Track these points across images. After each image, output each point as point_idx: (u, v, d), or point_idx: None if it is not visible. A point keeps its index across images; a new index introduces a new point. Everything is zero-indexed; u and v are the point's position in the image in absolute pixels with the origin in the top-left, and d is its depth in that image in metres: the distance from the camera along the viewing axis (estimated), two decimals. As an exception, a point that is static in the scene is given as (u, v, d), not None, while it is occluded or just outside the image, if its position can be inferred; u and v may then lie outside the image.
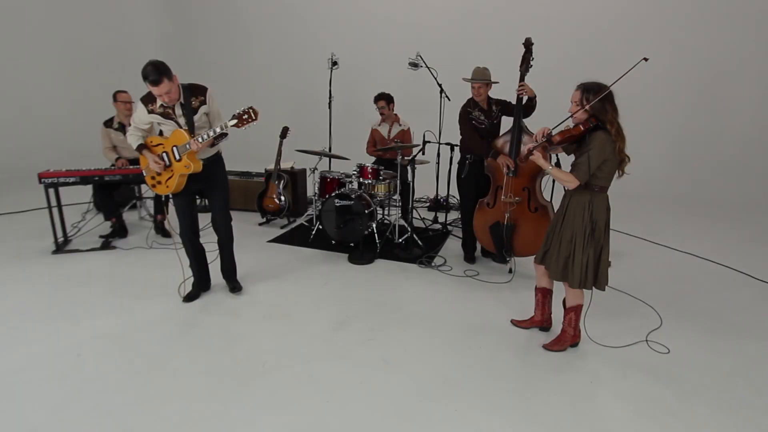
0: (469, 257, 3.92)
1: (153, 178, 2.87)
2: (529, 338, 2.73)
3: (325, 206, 4.07)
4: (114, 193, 4.23)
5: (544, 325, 2.79)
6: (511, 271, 3.68)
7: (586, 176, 2.26)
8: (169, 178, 2.78)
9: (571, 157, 2.41)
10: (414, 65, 4.68)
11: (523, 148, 3.23)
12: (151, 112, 2.70)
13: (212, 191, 2.96)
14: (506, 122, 3.46)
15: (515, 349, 2.61)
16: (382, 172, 4.20)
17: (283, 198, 4.74)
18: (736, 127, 6.61)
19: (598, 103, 2.20)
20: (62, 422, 1.95)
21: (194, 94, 2.71)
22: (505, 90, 3.86)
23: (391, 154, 4.56)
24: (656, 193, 6.54)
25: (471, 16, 7.51)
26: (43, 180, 3.76)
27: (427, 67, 4.52)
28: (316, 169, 4.57)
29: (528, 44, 3.29)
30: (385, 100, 4.62)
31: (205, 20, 9.26)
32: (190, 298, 3.09)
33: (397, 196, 4.34)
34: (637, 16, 6.74)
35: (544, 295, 2.74)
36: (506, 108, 3.60)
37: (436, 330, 2.79)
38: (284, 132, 4.72)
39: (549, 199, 3.55)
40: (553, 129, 2.37)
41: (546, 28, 6.63)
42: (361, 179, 4.20)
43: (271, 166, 4.84)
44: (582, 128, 2.26)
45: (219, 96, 2.81)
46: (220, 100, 2.81)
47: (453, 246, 4.29)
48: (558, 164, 2.56)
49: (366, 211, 3.90)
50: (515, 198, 3.36)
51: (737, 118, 6.60)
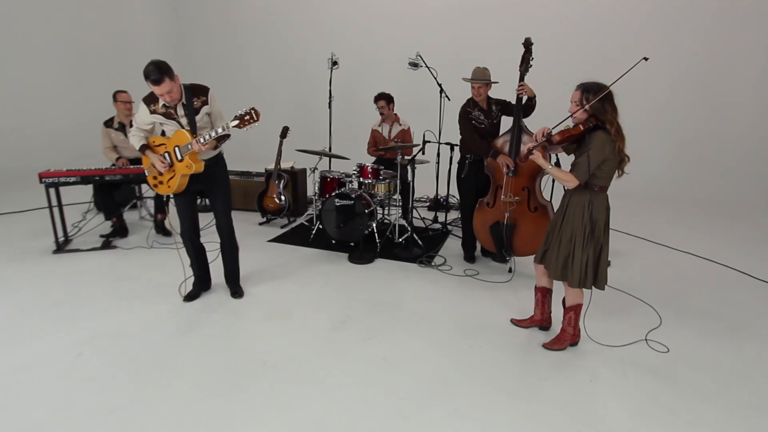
0: (469, 257, 3.92)
1: (155, 178, 2.87)
2: (528, 337, 2.73)
3: (325, 206, 4.07)
4: (114, 192, 4.24)
5: (544, 325, 2.80)
6: (510, 271, 3.68)
7: (585, 176, 2.27)
8: (171, 178, 2.79)
9: (571, 157, 2.42)
10: (414, 65, 4.69)
11: (523, 148, 3.24)
12: (153, 112, 2.70)
13: (214, 192, 2.96)
14: (506, 122, 3.47)
15: (515, 348, 2.61)
16: (382, 172, 4.21)
17: (283, 198, 4.74)
18: (736, 126, 6.62)
19: (597, 102, 2.21)
20: (63, 421, 1.96)
21: (196, 94, 2.70)
22: (504, 90, 3.87)
23: (391, 154, 4.57)
24: (656, 192, 6.55)
25: (471, 16, 7.52)
26: (43, 180, 3.77)
27: (427, 67, 4.53)
28: (316, 168, 4.58)
29: (527, 44, 3.29)
30: (385, 99, 4.63)
31: (206, 20, 9.28)
32: (190, 297, 3.09)
33: (397, 196, 4.35)
34: (636, 16, 6.75)
35: (544, 295, 2.75)
36: (506, 108, 3.61)
37: (436, 329, 2.80)
38: (284, 132, 4.73)
39: (549, 199, 3.56)
40: (553, 129, 2.38)
41: (546, 28, 6.65)
42: (361, 179, 4.21)
43: (272, 166, 4.85)
44: (582, 128, 2.27)
45: (219, 96, 2.81)
46: (221, 100, 2.82)
47: (453, 245, 4.30)
48: (558, 164, 2.57)
49: (366, 211, 3.91)
50: (515, 197, 3.37)
51: (737, 118, 6.60)
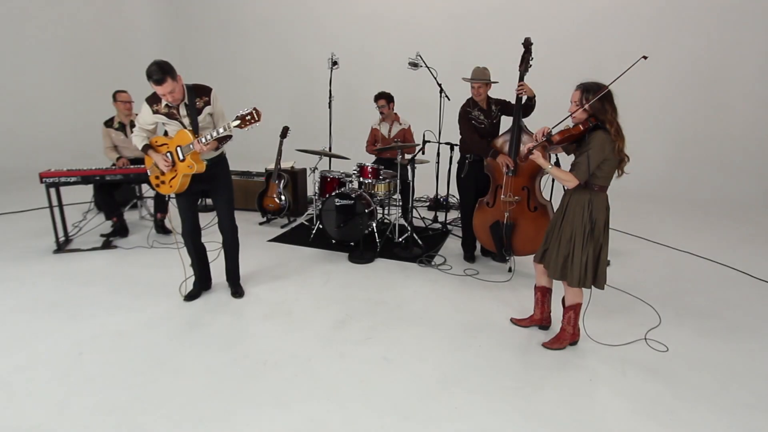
0: (469, 256, 3.93)
1: (157, 178, 2.88)
2: (528, 337, 2.74)
3: (325, 206, 4.08)
4: (115, 192, 4.25)
5: (544, 324, 2.80)
6: (510, 270, 3.69)
7: (585, 175, 2.28)
8: (173, 178, 2.79)
9: (571, 157, 2.42)
10: (414, 65, 4.69)
11: (523, 148, 3.24)
12: (155, 112, 2.71)
13: (216, 192, 2.97)
14: (506, 122, 3.48)
15: (515, 347, 2.62)
16: (382, 172, 4.21)
17: (283, 197, 4.75)
18: (736, 126, 6.63)
19: (597, 102, 2.22)
20: (64, 420, 1.97)
21: (198, 94, 2.72)
22: (504, 90, 3.87)
23: (391, 154, 4.58)
24: (656, 192, 6.56)
25: (471, 16, 7.52)
26: (44, 179, 3.77)
27: (426, 67, 4.53)
28: (316, 168, 4.59)
29: (527, 44, 3.30)
30: (385, 99, 4.63)
31: (206, 20, 9.28)
32: (191, 297, 3.10)
33: (397, 196, 4.36)
34: (636, 16, 6.75)
35: (544, 294, 2.75)
36: (506, 108, 3.61)
37: (436, 328, 2.81)
38: (284, 132, 4.74)
39: (548, 199, 3.57)
40: (553, 128, 2.39)
41: (545, 28, 6.66)
42: (362, 179, 4.22)
43: (272, 166, 4.85)
44: (581, 128, 2.28)
45: (220, 96, 2.82)
46: (221, 100, 2.83)
47: (453, 245, 4.30)
48: (557, 163, 2.57)
49: (366, 211, 3.92)
50: (515, 197, 3.37)
51: (737, 118, 6.61)
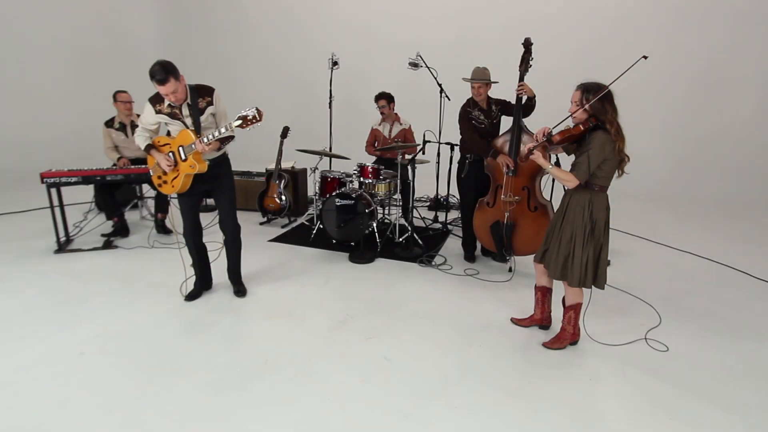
0: (469, 256, 3.93)
1: (159, 178, 2.89)
2: (528, 336, 2.75)
3: (325, 206, 4.08)
4: (115, 192, 4.25)
5: (544, 324, 2.81)
6: (510, 270, 3.69)
7: (585, 175, 2.28)
8: (175, 178, 2.80)
9: (572, 157, 2.43)
10: (414, 65, 4.69)
11: (524, 148, 3.25)
12: (158, 112, 2.72)
13: (219, 192, 2.97)
14: (506, 122, 3.48)
15: (515, 347, 2.63)
16: (382, 172, 4.22)
17: (284, 197, 4.75)
18: (736, 126, 6.62)
19: (597, 102, 2.22)
20: (66, 419, 1.97)
21: (201, 94, 2.73)
22: (504, 90, 3.87)
23: (392, 154, 4.58)
24: (656, 192, 6.56)
25: (471, 16, 7.52)
26: (45, 180, 3.78)
27: (427, 67, 4.53)
28: (316, 168, 4.59)
29: (527, 44, 3.30)
30: (385, 99, 4.64)
31: (206, 21, 9.28)
32: (191, 296, 3.11)
33: (397, 196, 4.36)
34: (636, 16, 6.75)
35: (544, 294, 2.76)
36: (506, 108, 3.62)
37: (437, 328, 2.81)
38: (285, 132, 4.74)
39: (549, 199, 3.57)
40: (554, 129, 2.39)
41: (545, 28, 6.65)
42: (362, 179, 4.22)
43: (272, 166, 4.85)
44: (582, 128, 2.28)
45: (221, 96, 2.82)
46: (222, 101, 2.83)
47: (453, 245, 4.31)
48: (557, 163, 2.58)
49: (366, 211, 3.92)
50: (515, 197, 3.38)
51: (737, 118, 6.61)
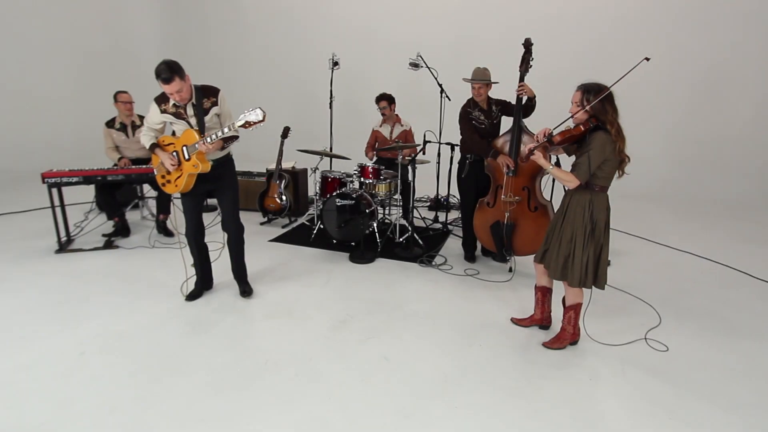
0: (470, 256, 3.94)
1: (163, 177, 2.91)
2: (529, 336, 2.75)
3: (326, 206, 4.09)
4: (116, 192, 4.25)
5: (544, 324, 2.81)
6: (511, 270, 3.70)
7: (586, 176, 2.28)
8: (178, 178, 2.82)
9: (572, 158, 2.43)
10: (414, 65, 4.70)
11: (524, 148, 3.25)
12: (163, 111, 2.74)
13: (222, 192, 2.98)
14: (506, 122, 3.49)
15: (515, 347, 2.63)
16: (382, 172, 4.22)
17: (284, 197, 4.76)
18: (736, 126, 6.63)
19: (598, 103, 2.23)
20: (66, 419, 1.98)
21: (206, 95, 2.74)
22: (504, 90, 3.88)
23: (392, 154, 4.58)
24: (656, 192, 6.56)
25: (471, 16, 7.53)
26: (46, 180, 3.78)
27: (427, 67, 4.54)
28: (317, 168, 4.60)
29: (527, 45, 3.30)
30: (386, 100, 4.64)
31: (207, 21, 9.29)
32: (192, 296, 3.11)
33: (397, 196, 4.36)
34: (636, 16, 6.75)
35: (544, 294, 2.76)
36: (506, 108, 3.62)
37: (437, 328, 2.81)
38: (285, 132, 4.75)
39: (549, 199, 3.58)
40: (554, 129, 2.40)
41: (545, 29, 6.66)
42: (362, 179, 4.23)
43: (273, 166, 4.86)
44: (582, 128, 2.28)
45: (225, 97, 2.84)
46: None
47: (453, 245, 4.31)
48: (558, 164, 2.58)
49: (367, 211, 3.93)
50: (515, 197, 3.38)
51: (736, 118, 6.61)
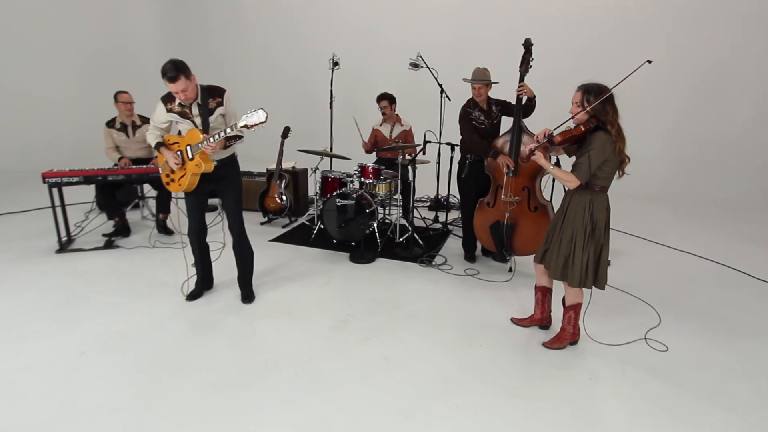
0: (470, 256, 3.94)
1: (167, 176, 2.92)
2: (529, 336, 2.75)
3: (326, 206, 4.09)
4: (117, 192, 4.26)
5: (544, 324, 2.82)
6: (511, 270, 3.70)
7: (586, 176, 2.29)
8: (182, 177, 2.83)
9: (572, 159, 2.43)
10: (415, 66, 4.70)
11: (525, 149, 3.25)
12: (169, 110, 2.76)
13: (225, 193, 2.98)
14: (506, 122, 3.49)
15: (515, 347, 2.63)
16: (383, 172, 4.22)
17: (284, 197, 4.76)
18: (736, 126, 6.63)
19: (598, 104, 2.23)
20: (67, 419, 1.98)
21: (212, 95, 2.75)
22: (505, 90, 3.88)
23: (392, 154, 4.58)
24: (656, 192, 6.56)
25: (471, 16, 7.53)
26: (46, 180, 3.78)
27: (427, 67, 4.54)
28: (317, 168, 4.60)
29: (527, 45, 3.31)
30: (387, 100, 4.65)
31: (207, 21, 9.29)
32: (193, 296, 3.11)
33: (398, 196, 4.37)
34: (636, 16, 6.75)
35: (544, 294, 2.76)
36: (506, 108, 3.62)
37: (437, 328, 2.82)
38: (286, 132, 4.76)
39: (549, 199, 3.58)
40: (555, 129, 2.40)
41: (545, 29, 6.66)
42: (362, 179, 4.23)
43: (273, 166, 4.86)
44: (583, 129, 2.29)
45: (231, 97, 2.84)
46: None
47: (453, 245, 4.31)
48: (558, 164, 2.58)
49: (367, 211, 3.93)
50: (515, 197, 3.39)
51: (736, 118, 6.61)
